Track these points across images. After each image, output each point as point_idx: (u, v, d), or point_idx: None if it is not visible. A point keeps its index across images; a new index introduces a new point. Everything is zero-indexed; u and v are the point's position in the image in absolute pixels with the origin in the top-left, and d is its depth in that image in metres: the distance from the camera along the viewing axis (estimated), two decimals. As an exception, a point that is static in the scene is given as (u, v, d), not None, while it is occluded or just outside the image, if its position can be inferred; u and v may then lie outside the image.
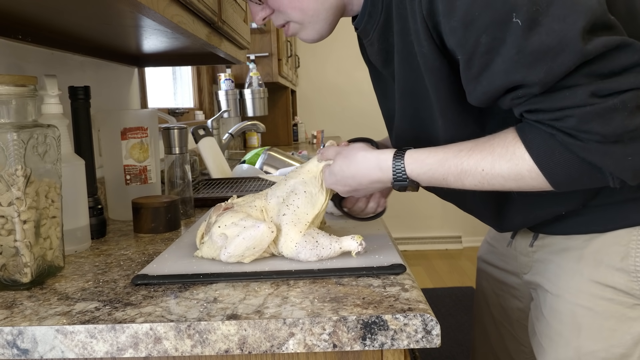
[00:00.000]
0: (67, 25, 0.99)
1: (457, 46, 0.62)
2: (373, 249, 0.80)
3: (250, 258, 0.75)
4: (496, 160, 0.64)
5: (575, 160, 0.60)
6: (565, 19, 0.56)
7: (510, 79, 0.60)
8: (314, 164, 0.82)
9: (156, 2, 0.80)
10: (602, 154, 0.59)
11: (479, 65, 0.61)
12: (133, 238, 0.98)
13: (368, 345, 0.57)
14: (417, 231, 4.33)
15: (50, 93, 0.88)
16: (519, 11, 0.56)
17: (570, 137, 0.59)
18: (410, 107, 0.77)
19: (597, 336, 0.76)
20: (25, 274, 0.69)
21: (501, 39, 0.58)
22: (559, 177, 0.62)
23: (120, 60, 1.50)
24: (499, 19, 0.57)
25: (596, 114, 0.57)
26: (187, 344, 0.57)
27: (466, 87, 0.65)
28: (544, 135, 0.61)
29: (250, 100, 2.78)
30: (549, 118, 0.60)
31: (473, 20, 0.58)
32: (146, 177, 1.14)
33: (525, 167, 0.62)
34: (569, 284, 0.79)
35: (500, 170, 0.64)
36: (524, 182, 0.64)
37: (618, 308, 0.75)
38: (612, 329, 0.75)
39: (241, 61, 1.67)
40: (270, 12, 0.81)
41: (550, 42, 0.56)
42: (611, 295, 0.75)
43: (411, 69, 0.71)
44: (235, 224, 0.76)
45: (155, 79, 2.18)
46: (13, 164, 0.67)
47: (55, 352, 0.58)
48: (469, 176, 0.66)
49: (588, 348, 0.76)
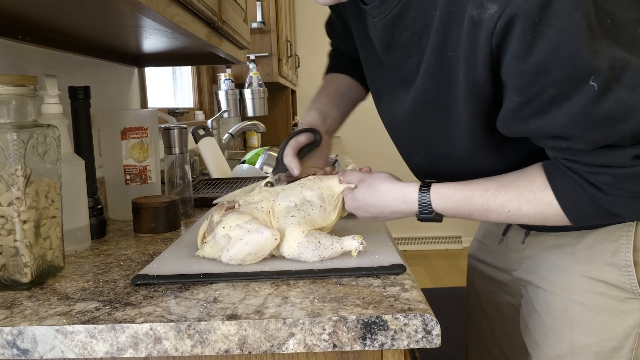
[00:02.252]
0: (67, 25, 0.99)
1: (517, 88, 0.60)
2: (373, 249, 0.80)
3: (251, 262, 0.75)
4: (523, 204, 0.66)
5: (601, 210, 0.64)
6: (634, 89, 0.56)
7: (566, 132, 0.60)
8: (335, 183, 0.83)
9: (156, 2, 0.80)
10: (627, 206, 0.62)
11: (534, 111, 0.60)
12: (133, 238, 0.98)
13: (368, 345, 0.57)
14: (417, 231, 4.33)
15: (50, 93, 0.88)
16: (598, 75, 0.55)
17: (600, 191, 0.62)
18: (419, 115, 0.76)
19: (590, 330, 0.77)
20: (25, 274, 0.69)
21: (569, 95, 0.57)
22: (582, 221, 0.66)
23: (120, 60, 1.50)
24: (576, 78, 0.56)
25: (633, 176, 0.60)
26: (187, 344, 0.57)
27: (506, 121, 0.64)
28: (573, 184, 0.63)
29: (250, 100, 2.78)
30: (585, 171, 0.62)
31: (548, 70, 0.56)
32: (146, 177, 1.14)
33: (552, 212, 0.65)
34: (561, 280, 0.80)
35: (527, 212, 0.66)
36: (547, 222, 0.67)
37: (610, 302, 0.77)
38: (605, 323, 0.77)
39: (241, 61, 1.67)
40: None
41: (617, 111, 0.57)
42: (603, 289, 0.77)
43: (435, 82, 0.69)
44: (240, 226, 0.75)
45: (155, 79, 2.18)
46: (13, 164, 0.67)
47: (55, 352, 0.58)
48: (494, 214, 0.68)
49: (582, 342, 0.78)
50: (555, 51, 0.54)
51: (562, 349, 0.80)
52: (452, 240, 4.34)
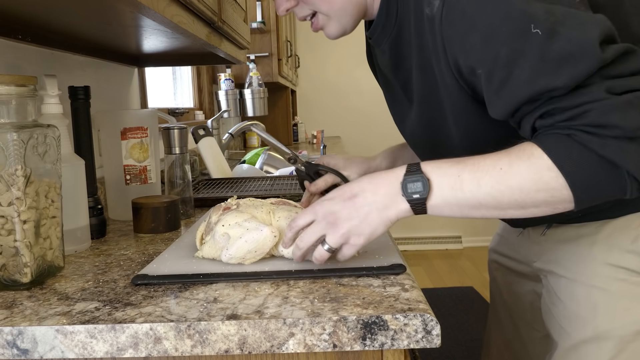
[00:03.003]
0: (67, 25, 0.99)
1: (477, 61, 0.64)
2: (373, 249, 0.80)
3: (251, 261, 0.75)
4: (514, 161, 0.62)
5: (594, 158, 0.60)
6: (582, 28, 0.60)
7: (535, 87, 0.61)
8: None
9: (156, 2, 0.80)
10: (621, 150, 0.59)
11: (499, 79, 0.63)
12: (133, 238, 0.98)
13: (368, 345, 0.58)
14: (417, 231, 4.33)
15: (50, 93, 0.88)
16: (537, 22, 0.59)
17: (588, 134, 0.60)
18: (425, 115, 0.80)
19: (613, 315, 0.80)
20: (25, 274, 0.69)
21: (521, 50, 0.60)
22: (578, 179, 0.61)
23: (120, 60, 1.50)
24: (518, 31, 0.60)
25: (615, 107, 0.59)
26: (187, 344, 0.58)
27: (488, 102, 0.66)
28: (561, 137, 0.62)
29: (250, 100, 2.78)
30: (566, 117, 0.61)
31: (492, 34, 0.61)
32: (146, 177, 1.14)
33: (544, 165, 0.61)
34: (583, 268, 0.82)
35: (518, 169, 0.62)
36: (542, 184, 0.62)
37: (631, 287, 0.79)
38: (626, 308, 0.79)
39: (241, 61, 1.67)
40: (295, 3, 0.83)
41: (571, 48, 0.59)
42: (624, 276, 0.79)
43: (427, 80, 0.74)
44: (239, 225, 0.75)
45: (155, 79, 2.18)
46: (13, 164, 0.67)
47: (55, 352, 0.58)
48: (485, 174, 0.63)
49: (605, 327, 0.80)
50: (493, 14, 0.61)
51: (587, 334, 0.81)
52: (452, 240, 4.34)
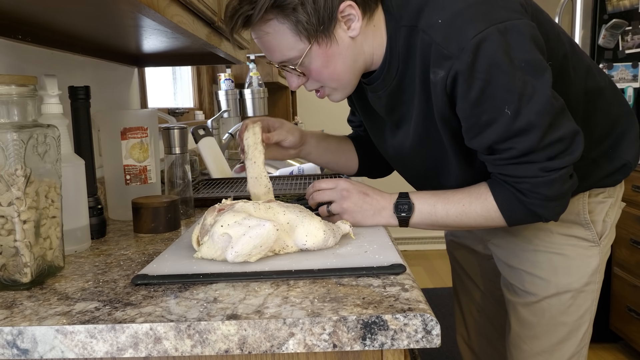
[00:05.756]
0: (67, 25, 1.00)
1: (463, 117, 0.87)
2: (373, 249, 0.80)
3: (257, 257, 0.75)
4: (473, 201, 0.92)
5: (524, 208, 0.89)
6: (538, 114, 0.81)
7: (495, 145, 0.86)
8: None
9: (156, 2, 0.80)
10: (542, 207, 0.88)
11: (475, 132, 0.87)
12: (133, 238, 0.98)
13: (368, 345, 0.58)
14: (417, 231, 4.32)
15: (50, 93, 0.88)
16: (510, 105, 0.82)
17: (523, 195, 0.88)
18: (422, 152, 1.00)
19: (569, 272, 1.04)
20: (25, 274, 0.69)
21: (495, 120, 0.83)
22: (512, 219, 0.92)
23: (120, 60, 1.50)
24: (497, 109, 0.83)
25: (543, 183, 0.85)
26: (187, 344, 0.58)
27: (465, 138, 0.91)
28: (506, 191, 0.89)
29: (250, 100, 2.78)
30: (512, 181, 0.88)
31: (479, 104, 0.83)
32: (146, 177, 1.14)
33: (492, 208, 0.91)
34: (542, 239, 1.05)
35: (475, 208, 0.92)
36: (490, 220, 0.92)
37: (580, 250, 1.05)
38: (578, 266, 1.05)
39: (241, 61, 1.67)
40: (306, 80, 0.96)
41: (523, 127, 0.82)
42: (574, 242, 1.05)
43: (428, 126, 0.94)
44: (238, 224, 0.75)
45: (155, 79, 2.18)
46: (13, 164, 0.67)
47: (55, 352, 0.58)
48: (452, 205, 0.93)
49: (563, 283, 1.04)
50: (482, 92, 0.82)
51: (550, 291, 1.05)
52: (452, 240, 4.34)
